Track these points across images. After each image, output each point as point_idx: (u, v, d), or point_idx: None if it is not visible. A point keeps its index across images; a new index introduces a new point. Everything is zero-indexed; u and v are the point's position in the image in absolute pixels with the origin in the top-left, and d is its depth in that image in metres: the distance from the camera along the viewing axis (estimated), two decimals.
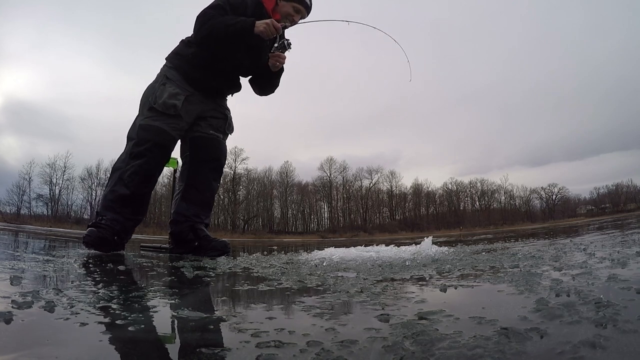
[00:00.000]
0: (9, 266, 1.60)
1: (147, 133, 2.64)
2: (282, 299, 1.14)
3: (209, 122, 2.87)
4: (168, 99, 2.67)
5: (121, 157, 2.71)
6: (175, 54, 2.83)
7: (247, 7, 2.73)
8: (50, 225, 26.76)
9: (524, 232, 8.39)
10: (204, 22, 2.63)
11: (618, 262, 1.36)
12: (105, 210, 2.61)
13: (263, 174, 51.81)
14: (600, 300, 0.80)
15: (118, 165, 2.68)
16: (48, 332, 0.73)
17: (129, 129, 2.76)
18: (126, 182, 2.59)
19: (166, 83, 2.72)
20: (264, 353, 0.61)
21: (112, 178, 2.67)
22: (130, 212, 2.64)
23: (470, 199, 58.98)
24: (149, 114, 2.68)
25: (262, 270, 1.77)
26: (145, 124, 2.66)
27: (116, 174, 2.64)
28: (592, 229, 6.18)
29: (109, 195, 2.63)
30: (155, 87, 2.73)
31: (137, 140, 2.64)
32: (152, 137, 2.64)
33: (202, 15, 2.66)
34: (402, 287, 1.26)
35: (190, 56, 2.75)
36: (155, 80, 2.78)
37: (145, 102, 2.73)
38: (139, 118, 2.72)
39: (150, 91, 2.74)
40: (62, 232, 11.56)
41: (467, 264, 1.78)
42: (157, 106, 2.65)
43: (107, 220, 2.58)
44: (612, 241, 2.59)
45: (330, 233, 45.69)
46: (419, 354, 0.59)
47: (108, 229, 2.56)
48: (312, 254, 2.60)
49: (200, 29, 2.65)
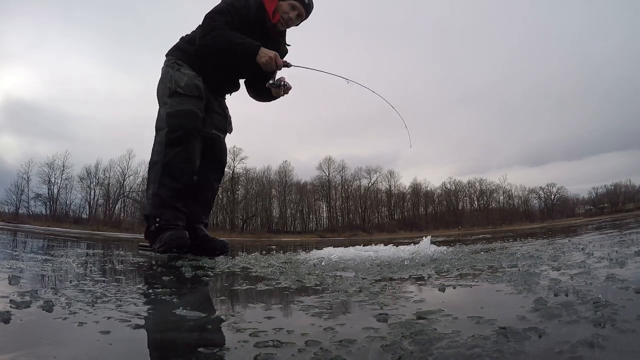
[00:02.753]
0: (8, 266, 1.60)
1: (178, 119, 2.56)
2: (280, 299, 1.14)
3: (212, 118, 2.85)
4: (189, 80, 2.63)
5: (155, 150, 2.61)
6: (177, 48, 2.81)
7: (250, 10, 2.72)
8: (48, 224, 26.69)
9: (523, 232, 8.40)
10: (209, 30, 2.61)
11: (616, 262, 1.36)
12: (162, 208, 2.50)
13: (262, 173, 51.83)
14: (599, 300, 0.80)
15: (155, 159, 2.58)
16: (46, 331, 0.73)
17: (156, 122, 2.68)
18: (174, 173, 2.52)
19: (181, 67, 2.68)
20: (263, 352, 0.61)
21: (153, 173, 2.57)
22: (182, 204, 2.58)
23: (469, 199, 59.07)
24: (172, 100, 2.60)
25: (261, 270, 1.77)
26: (172, 110, 2.58)
27: (156, 168, 2.55)
28: (591, 228, 6.19)
29: (160, 191, 2.51)
30: (171, 73, 2.67)
31: (170, 129, 2.55)
32: (184, 121, 2.57)
33: (209, 21, 2.63)
34: (400, 286, 1.26)
35: (193, 53, 2.73)
36: (166, 72, 2.71)
37: (163, 91, 2.67)
38: (163, 108, 2.64)
39: (165, 78, 2.68)
40: (60, 232, 11.54)
41: (466, 263, 1.78)
42: (180, 89, 2.59)
43: (168, 218, 2.49)
44: (611, 241, 2.60)
45: (328, 232, 45.67)
46: (417, 354, 0.59)
47: (178, 228, 2.49)
48: (311, 254, 2.60)
49: (204, 37, 2.63)
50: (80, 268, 1.69)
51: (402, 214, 57.37)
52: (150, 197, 2.56)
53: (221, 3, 2.72)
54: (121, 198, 43.90)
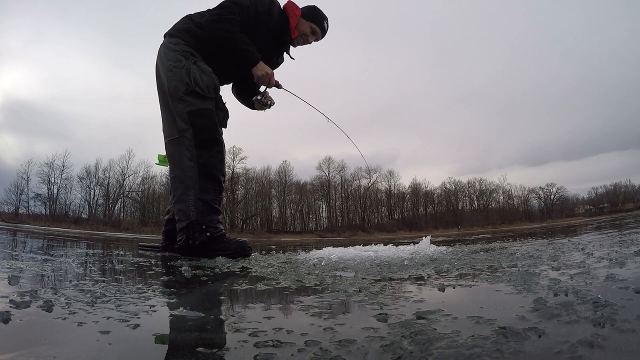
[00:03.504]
0: (7, 266, 1.60)
1: (204, 118, 2.46)
2: (280, 299, 1.14)
3: (218, 115, 2.73)
4: (209, 81, 2.52)
5: (180, 152, 2.44)
6: (186, 31, 2.63)
7: (273, 18, 2.71)
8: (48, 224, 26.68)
9: (522, 232, 8.40)
10: (221, 20, 2.52)
11: (616, 262, 1.36)
12: (207, 214, 2.41)
13: (261, 173, 51.93)
14: (598, 300, 0.80)
15: (187, 163, 2.42)
16: (46, 331, 0.73)
17: (165, 125, 2.56)
18: (213, 175, 2.45)
19: (197, 60, 2.54)
20: (262, 352, 0.61)
21: (189, 177, 2.41)
22: (220, 205, 2.53)
23: (469, 199, 59.16)
24: (191, 98, 2.46)
25: (261, 270, 1.77)
26: (195, 109, 2.45)
27: (191, 171, 2.41)
28: (590, 228, 6.19)
29: (204, 195, 2.40)
30: (187, 66, 2.50)
31: (196, 129, 2.43)
32: (211, 121, 2.49)
33: (225, 10, 2.54)
34: (400, 286, 1.26)
35: (205, 41, 2.59)
36: (177, 61, 2.52)
37: (178, 85, 2.47)
38: (182, 105, 2.45)
39: (180, 70, 2.49)
40: (60, 232, 11.53)
41: (466, 263, 1.78)
42: (199, 89, 2.47)
43: (216, 225, 2.43)
44: (610, 241, 2.60)
45: (328, 232, 45.70)
46: (417, 354, 0.59)
47: (224, 232, 2.44)
48: (311, 254, 2.60)
49: (213, 24, 2.53)
50: (79, 268, 1.69)
51: (401, 213, 57.44)
52: (192, 203, 2.39)
53: None
54: (121, 198, 43.94)
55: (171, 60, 2.53)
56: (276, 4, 2.76)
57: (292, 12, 2.79)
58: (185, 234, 2.41)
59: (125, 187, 44.21)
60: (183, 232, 2.43)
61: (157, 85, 2.62)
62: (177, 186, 2.45)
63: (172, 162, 2.50)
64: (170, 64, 2.52)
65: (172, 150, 2.50)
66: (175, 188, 2.46)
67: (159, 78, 2.60)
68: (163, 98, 2.58)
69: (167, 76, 2.52)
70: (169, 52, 2.56)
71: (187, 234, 2.40)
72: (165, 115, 2.57)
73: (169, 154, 2.54)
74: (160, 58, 2.60)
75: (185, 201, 2.41)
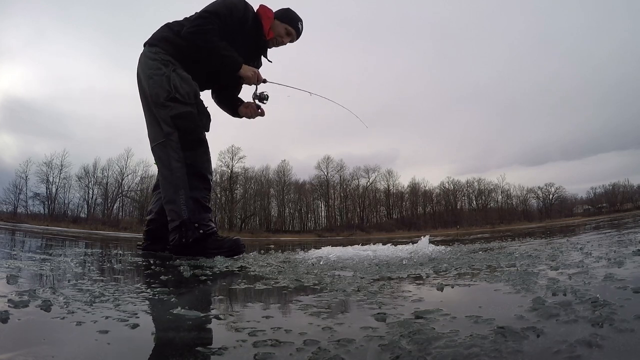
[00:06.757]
0: (6, 265, 1.60)
1: (187, 121, 2.52)
2: (279, 298, 1.14)
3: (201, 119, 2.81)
4: (189, 87, 2.57)
5: (167, 154, 2.50)
6: (164, 40, 2.67)
7: (247, 22, 2.76)
8: (47, 224, 26.63)
9: (521, 232, 8.42)
10: (202, 32, 2.57)
11: (614, 262, 1.36)
12: (199, 212, 2.45)
13: (260, 172, 51.89)
14: (597, 300, 0.80)
15: (175, 164, 2.47)
16: (45, 331, 0.73)
17: (150, 130, 2.61)
18: (201, 173, 2.52)
19: (176, 68, 2.59)
20: (261, 352, 0.61)
21: (177, 177, 2.46)
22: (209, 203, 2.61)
23: (467, 198, 59.19)
24: (173, 103, 2.51)
25: (259, 269, 1.77)
26: (177, 112, 2.50)
27: (180, 172, 2.46)
28: (589, 228, 6.21)
29: (194, 193, 2.45)
30: (167, 74, 2.54)
31: (181, 131, 2.49)
32: (194, 123, 2.55)
33: (204, 21, 2.59)
34: (398, 286, 1.26)
35: (184, 49, 2.63)
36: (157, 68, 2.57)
37: (160, 92, 2.52)
38: (165, 111, 2.51)
39: (160, 78, 2.54)
40: (58, 231, 11.51)
41: (464, 263, 1.78)
42: (179, 96, 2.51)
43: (208, 222, 2.48)
44: (609, 240, 2.60)
45: (327, 232, 45.73)
46: (415, 353, 0.59)
47: (215, 230, 2.49)
48: (309, 253, 2.60)
49: (194, 36, 2.57)
50: (78, 267, 1.69)
51: (400, 213, 57.47)
52: (184, 202, 2.44)
53: (219, 4, 2.67)
54: (119, 197, 43.89)
55: (151, 68, 2.59)
56: (250, 8, 2.81)
57: (265, 14, 2.85)
58: (178, 233, 2.44)
59: (124, 187, 44.18)
60: (176, 232, 2.46)
61: (140, 92, 2.69)
62: (167, 187, 2.51)
63: (161, 165, 2.57)
64: (151, 72, 2.59)
65: (159, 154, 2.57)
66: (166, 189, 2.52)
67: (141, 85, 2.67)
68: (146, 105, 2.65)
69: (148, 84, 2.58)
70: (149, 61, 2.62)
71: (179, 233, 2.44)
72: (150, 120, 2.64)
73: (156, 157, 2.60)
74: (141, 66, 2.66)
75: (176, 201, 2.46)
